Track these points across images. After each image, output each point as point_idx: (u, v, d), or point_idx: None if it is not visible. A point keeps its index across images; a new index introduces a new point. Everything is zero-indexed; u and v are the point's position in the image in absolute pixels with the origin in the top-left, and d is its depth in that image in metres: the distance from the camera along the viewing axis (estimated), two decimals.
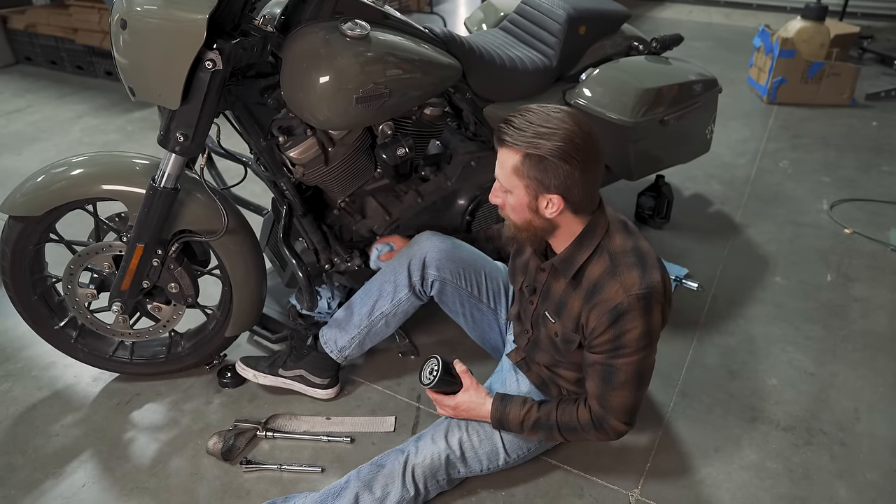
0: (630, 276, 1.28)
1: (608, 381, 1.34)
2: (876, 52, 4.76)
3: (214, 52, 1.33)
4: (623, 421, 1.37)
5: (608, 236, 1.33)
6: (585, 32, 2.06)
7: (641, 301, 1.26)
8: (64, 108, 3.81)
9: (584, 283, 1.34)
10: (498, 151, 1.29)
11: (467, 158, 1.97)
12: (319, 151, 1.64)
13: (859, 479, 1.60)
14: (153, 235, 1.55)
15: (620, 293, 1.27)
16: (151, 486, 1.56)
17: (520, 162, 1.24)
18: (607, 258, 1.31)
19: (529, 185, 1.26)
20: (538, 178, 1.24)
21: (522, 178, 1.26)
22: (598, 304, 1.29)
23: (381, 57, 1.54)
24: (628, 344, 1.29)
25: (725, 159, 3.26)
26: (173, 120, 1.42)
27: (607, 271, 1.30)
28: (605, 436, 1.40)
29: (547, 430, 1.42)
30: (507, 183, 1.29)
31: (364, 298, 1.72)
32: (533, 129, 1.22)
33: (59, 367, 1.91)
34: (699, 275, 2.35)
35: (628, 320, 1.27)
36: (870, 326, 2.12)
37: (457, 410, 1.46)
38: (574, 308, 1.36)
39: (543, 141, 1.21)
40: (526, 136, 1.23)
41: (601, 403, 1.36)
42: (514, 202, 1.30)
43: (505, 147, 1.26)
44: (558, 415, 1.41)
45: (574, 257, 1.34)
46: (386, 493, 1.41)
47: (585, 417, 1.39)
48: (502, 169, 1.28)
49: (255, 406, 1.78)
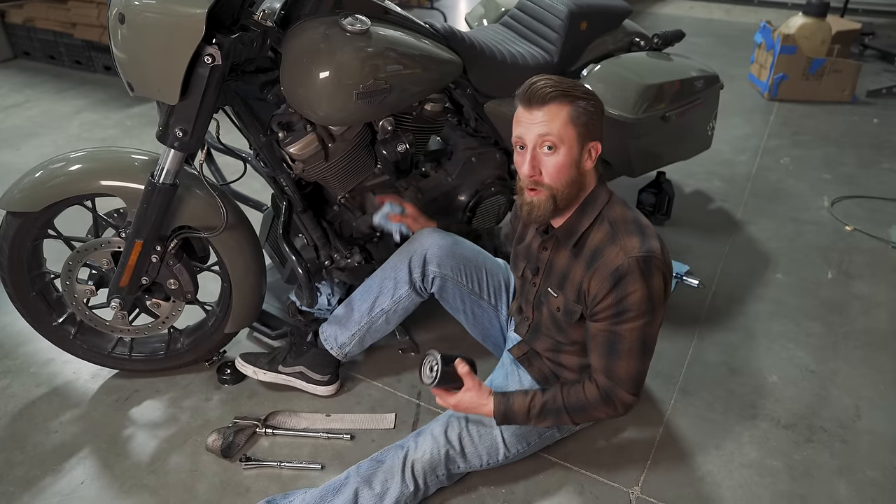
0: (630, 241, 1.30)
1: (613, 350, 1.34)
2: (877, 48, 4.75)
3: (213, 47, 1.33)
4: (631, 392, 1.37)
5: (609, 205, 1.37)
6: (587, 28, 2.05)
7: (641, 263, 1.28)
8: (62, 103, 3.80)
9: (584, 251, 1.36)
10: (537, 112, 1.28)
11: (468, 154, 1.96)
12: (319, 147, 1.63)
13: (860, 476, 1.60)
14: (152, 231, 1.54)
15: (621, 256, 1.29)
16: (150, 483, 1.55)
17: (573, 111, 1.28)
18: (608, 225, 1.34)
19: (582, 132, 1.29)
20: (588, 123, 1.29)
21: (577, 127, 1.28)
22: (599, 268, 1.31)
23: (382, 52, 1.54)
24: (630, 308, 1.30)
25: (726, 156, 3.26)
26: (172, 115, 1.42)
27: (607, 237, 1.33)
28: (613, 410, 1.39)
29: (555, 414, 1.41)
30: (558, 136, 1.28)
31: (364, 295, 1.71)
32: (566, 83, 1.29)
33: (58, 364, 1.90)
34: (700, 271, 2.35)
35: (629, 282, 1.28)
36: (870, 324, 2.12)
37: (458, 408, 1.45)
38: (576, 277, 1.37)
39: (583, 91, 1.30)
40: (567, 87, 1.28)
41: (608, 375, 1.36)
42: (562, 159, 1.30)
43: (552, 103, 1.27)
44: (564, 396, 1.40)
45: (576, 226, 1.37)
46: (385, 488, 1.41)
47: (593, 393, 1.38)
48: (553, 123, 1.27)
49: (254, 403, 1.78)
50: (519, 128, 1.32)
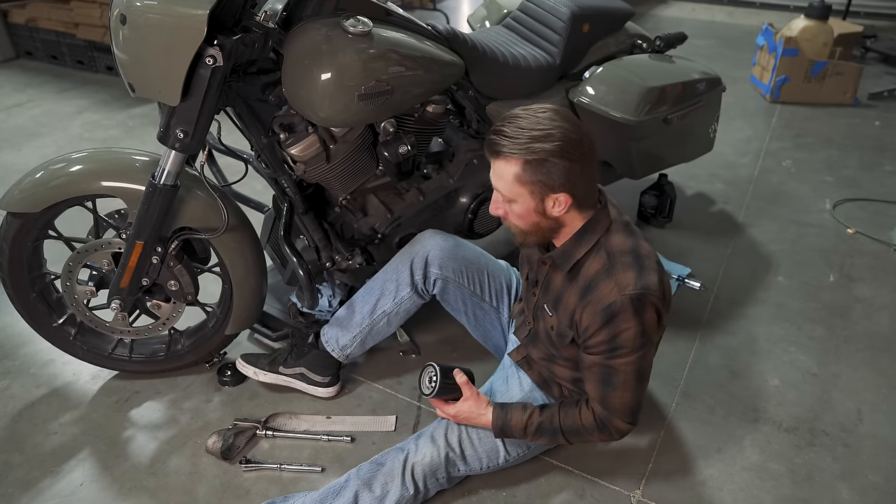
0: (625, 276, 1.26)
1: (608, 382, 1.33)
2: (879, 51, 4.74)
3: (215, 48, 1.32)
4: (626, 421, 1.37)
5: (608, 234, 1.33)
6: (589, 30, 2.05)
7: (634, 301, 1.24)
8: (64, 103, 3.80)
9: (580, 279, 1.33)
10: (493, 164, 1.26)
11: (470, 156, 1.95)
12: (321, 149, 1.63)
13: (862, 480, 1.59)
14: (153, 233, 1.54)
15: (614, 292, 1.26)
16: (150, 485, 1.55)
17: (521, 170, 1.22)
18: (605, 256, 1.30)
19: (534, 189, 1.24)
20: (542, 180, 1.22)
21: (525, 185, 1.23)
22: (592, 302, 1.28)
23: (384, 54, 1.53)
24: (624, 344, 1.28)
25: (728, 158, 3.25)
26: (173, 117, 1.41)
27: (604, 269, 1.29)
28: (608, 436, 1.40)
29: (550, 434, 1.41)
30: (509, 193, 1.26)
31: (366, 297, 1.71)
32: (527, 135, 1.20)
33: (58, 365, 1.90)
34: (702, 274, 2.34)
35: (622, 321, 1.26)
36: (872, 327, 2.11)
37: (457, 418, 1.46)
38: (570, 303, 1.35)
39: (541, 144, 1.20)
40: (522, 143, 1.20)
41: (603, 405, 1.36)
42: (520, 210, 1.28)
43: (501, 158, 1.23)
44: (561, 418, 1.40)
45: (573, 251, 1.34)
46: (385, 491, 1.41)
47: (589, 420, 1.38)
48: (502, 180, 1.25)
49: (255, 405, 1.78)
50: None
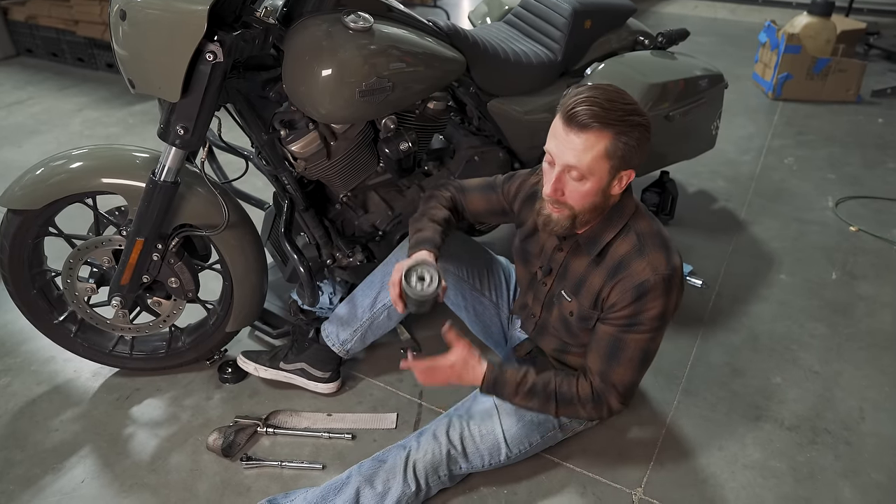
0: (657, 257, 1.29)
1: (614, 355, 1.33)
2: (882, 48, 4.72)
3: (215, 44, 1.32)
4: (620, 399, 1.36)
5: (636, 217, 1.33)
6: (591, 27, 2.04)
7: (666, 282, 1.27)
8: (65, 101, 3.79)
9: (607, 260, 1.33)
10: (575, 138, 1.18)
11: (471, 153, 1.95)
12: (321, 145, 1.62)
13: (864, 479, 1.59)
14: (153, 230, 1.54)
15: (647, 271, 1.27)
16: (151, 482, 1.55)
17: (612, 143, 1.17)
18: (634, 237, 1.31)
19: (616, 164, 1.20)
20: (626, 155, 1.19)
21: (611, 160, 1.19)
22: (624, 279, 1.29)
23: (385, 50, 1.53)
24: (644, 322, 1.30)
25: (730, 156, 3.24)
26: (173, 113, 1.41)
27: (635, 249, 1.30)
28: (599, 412, 1.38)
29: (542, 398, 1.38)
30: (588, 168, 1.19)
31: (366, 290, 1.71)
32: (620, 108, 1.17)
33: (59, 362, 1.90)
34: (703, 272, 2.33)
35: (650, 298, 1.28)
36: (875, 325, 2.11)
37: (452, 370, 1.37)
38: (595, 285, 1.35)
39: (634, 118, 1.18)
40: (618, 115, 1.16)
41: (603, 378, 1.35)
42: (589, 187, 1.22)
43: (591, 131, 1.17)
44: (557, 384, 1.38)
45: (601, 235, 1.33)
46: (387, 488, 1.40)
47: (586, 391, 1.37)
48: (587, 153, 1.18)
49: (255, 402, 1.77)
50: (552, 141, 1.23)
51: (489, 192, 1.59)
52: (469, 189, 1.62)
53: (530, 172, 1.54)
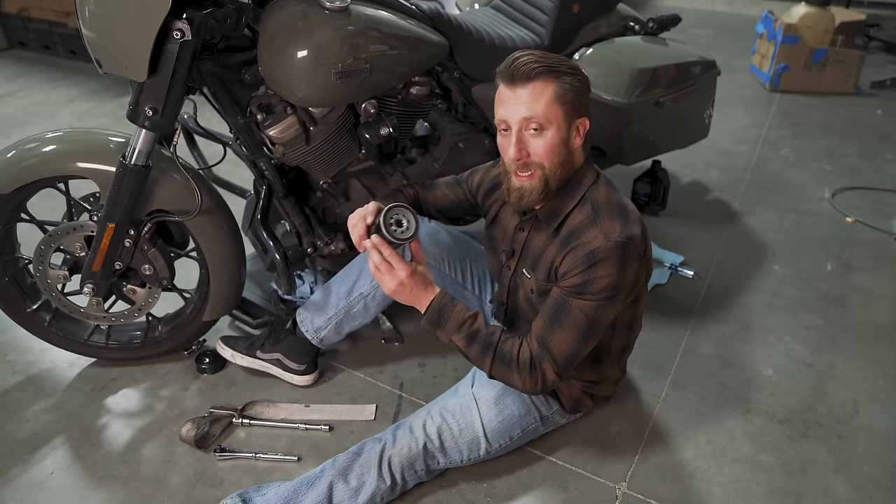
0: (611, 225, 1.26)
1: (556, 319, 1.28)
2: (882, 39, 4.66)
3: (183, 21, 1.28)
4: (556, 369, 1.29)
5: (594, 187, 1.32)
6: (579, 11, 1.99)
7: (619, 249, 1.23)
8: (55, 93, 3.76)
9: (562, 231, 1.31)
10: (522, 91, 1.23)
11: (455, 140, 1.91)
12: (300, 130, 1.58)
13: (857, 473, 1.54)
14: (124, 215, 1.50)
15: (599, 238, 1.25)
16: (122, 474, 1.51)
17: (559, 88, 1.23)
18: (590, 208, 1.29)
19: (568, 110, 1.25)
20: (576, 99, 1.25)
21: (563, 105, 1.24)
22: (575, 247, 1.27)
23: (362, 31, 1.48)
24: (593, 291, 1.26)
25: (725, 146, 3.19)
26: (142, 93, 1.37)
27: (588, 219, 1.28)
28: (533, 382, 1.30)
29: (482, 347, 1.31)
30: (544, 117, 1.23)
31: (343, 279, 1.67)
32: (551, 58, 1.24)
33: (35, 352, 1.86)
34: (695, 262, 2.29)
35: (602, 267, 1.24)
36: (870, 316, 2.06)
37: (406, 280, 1.28)
38: (549, 256, 1.32)
39: (566, 64, 1.25)
40: (551, 62, 1.23)
41: (540, 343, 1.29)
42: (550, 139, 1.25)
43: (538, 80, 1.22)
44: (501, 340, 1.32)
45: (559, 207, 1.32)
46: (361, 482, 1.36)
47: (525, 356, 1.30)
48: (538, 103, 1.22)
49: (232, 393, 1.73)
50: (502, 108, 1.27)
51: (455, 187, 1.61)
52: (435, 185, 1.64)
53: (491, 165, 1.55)
